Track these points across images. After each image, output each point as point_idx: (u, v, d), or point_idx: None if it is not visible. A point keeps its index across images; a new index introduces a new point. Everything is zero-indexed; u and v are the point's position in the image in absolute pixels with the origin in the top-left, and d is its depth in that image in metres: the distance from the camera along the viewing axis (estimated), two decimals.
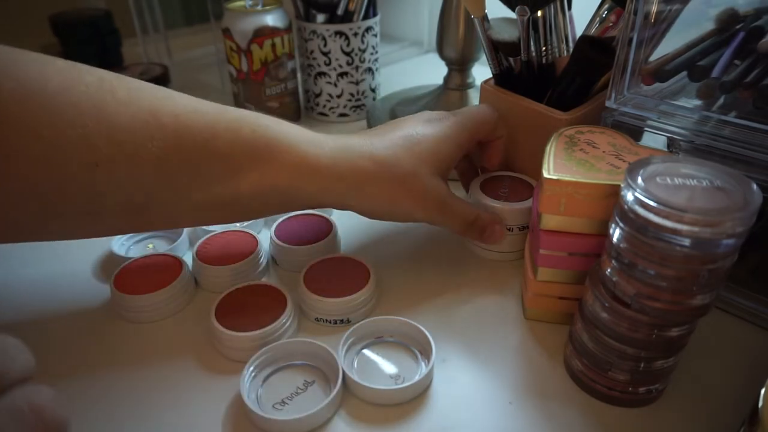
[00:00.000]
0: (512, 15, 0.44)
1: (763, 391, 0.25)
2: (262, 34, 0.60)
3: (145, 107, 0.33)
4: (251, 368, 0.34)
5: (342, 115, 0.69)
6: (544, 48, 0.46)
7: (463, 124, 0.41)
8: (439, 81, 0.63)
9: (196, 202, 0.35)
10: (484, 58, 0.50)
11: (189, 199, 0.35)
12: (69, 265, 0.45)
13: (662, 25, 0.38)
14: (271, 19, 0.60)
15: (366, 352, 0.37)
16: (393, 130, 0.40)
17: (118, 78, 0.34)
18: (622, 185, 0.29)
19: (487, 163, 0.47)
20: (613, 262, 0.30)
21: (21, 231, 0.34)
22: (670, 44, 0.39)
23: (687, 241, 0.26)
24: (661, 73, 0.39)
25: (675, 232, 0.26)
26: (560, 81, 0.45)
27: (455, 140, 0.41)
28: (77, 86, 0.31)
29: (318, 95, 0.68)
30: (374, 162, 0.37)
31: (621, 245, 0.29)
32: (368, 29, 0.65)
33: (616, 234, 0.29)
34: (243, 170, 0.35)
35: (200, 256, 0.43)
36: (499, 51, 0.47)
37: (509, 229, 0.43)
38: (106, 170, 0.32)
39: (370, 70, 0.68)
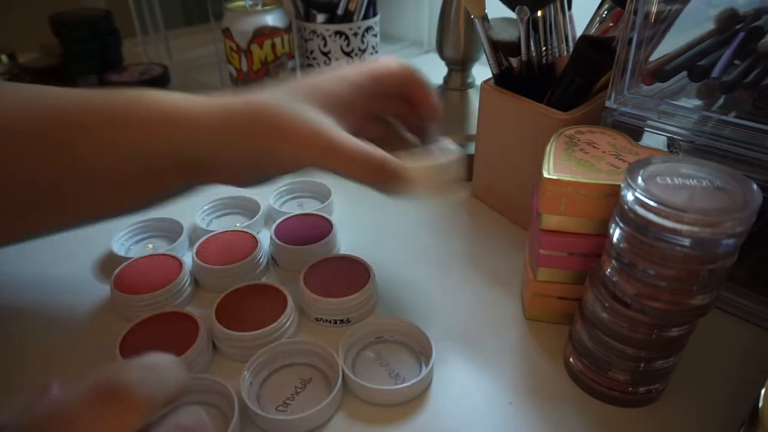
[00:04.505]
0: (512, 15, 0.44)
1: (763, 391, 0.25)
2: (262, 34, 0.60)
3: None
4: (251, 368, 0.35)
5: None
6: (544, 48, 0.46)
7: (360, 69, 0.39)
8: (439, 81, 0.63)
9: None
10: (484, 58, 0.50)
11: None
12: (69, 265, 0.45)
13: (662, 25, 0.38)
14: (271, 19, 0.60)
15: (366, 352, 0.37)
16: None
17: None
18: (622, 185, 0.29)
19: (424, 111, 0.41)
20: (613, 262, 0.30)
21: None
22: (670, 44, 0.39)
23: (687, 241, 0.26)
24: (661, 73, 0.39)
25: (675, 232, 0.26)
26: (560, 81, 0.45)
27: (348, 79, 0.37)
28: None
29: None
30: (247, 104, 0.34)
31: (621, 245, 0.29)
32: (368, 29, 0.65)
33: (616, 234, 0.29)
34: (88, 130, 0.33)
35: (200, 256, 0.43)
36: (499, 51, 0.47)
37: None
38: None
39: None
